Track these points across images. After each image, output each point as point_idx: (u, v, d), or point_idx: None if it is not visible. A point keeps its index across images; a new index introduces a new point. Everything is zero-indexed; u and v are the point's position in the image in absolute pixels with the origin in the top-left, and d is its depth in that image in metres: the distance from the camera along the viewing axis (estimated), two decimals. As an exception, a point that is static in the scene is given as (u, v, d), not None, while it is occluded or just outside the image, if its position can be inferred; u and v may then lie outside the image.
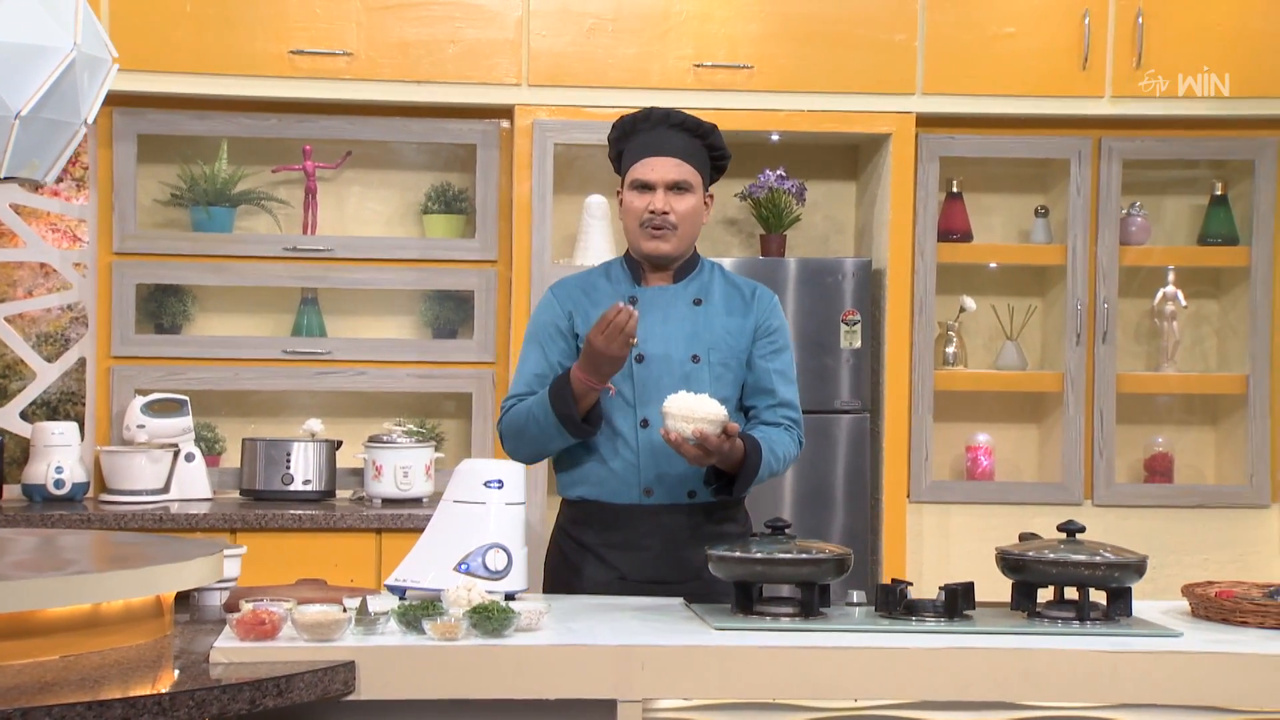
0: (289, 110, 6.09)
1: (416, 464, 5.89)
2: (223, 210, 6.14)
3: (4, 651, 3.00)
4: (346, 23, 5.96)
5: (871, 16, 6.05)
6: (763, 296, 4.04)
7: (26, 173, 3.35)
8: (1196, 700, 3.19)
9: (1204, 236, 6.43)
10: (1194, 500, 6.32)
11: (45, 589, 3.03)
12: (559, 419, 3.85)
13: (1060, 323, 6.37)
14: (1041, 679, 3.16)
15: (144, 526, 5.57)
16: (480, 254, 6.16)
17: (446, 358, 6.19)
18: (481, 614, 3.19)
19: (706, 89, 6.01)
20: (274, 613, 3.14)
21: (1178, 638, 3.31)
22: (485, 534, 3.61)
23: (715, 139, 4.03)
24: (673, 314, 3.97)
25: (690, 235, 3.98)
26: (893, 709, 3.18)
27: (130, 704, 2.76)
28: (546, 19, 6.00)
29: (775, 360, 4.01)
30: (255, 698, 2.90)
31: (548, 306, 4.07)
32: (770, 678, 3.15)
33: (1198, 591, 3.59)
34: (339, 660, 3.06)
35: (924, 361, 6.19)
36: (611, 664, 3.13)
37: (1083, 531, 3.48)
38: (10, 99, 3.25)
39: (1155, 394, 6.49)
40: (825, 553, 3.44)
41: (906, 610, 3.44)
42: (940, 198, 6.27)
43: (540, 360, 4.03)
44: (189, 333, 6.22)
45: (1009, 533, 6.16)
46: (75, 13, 3.33)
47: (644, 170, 3.95)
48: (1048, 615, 3.44)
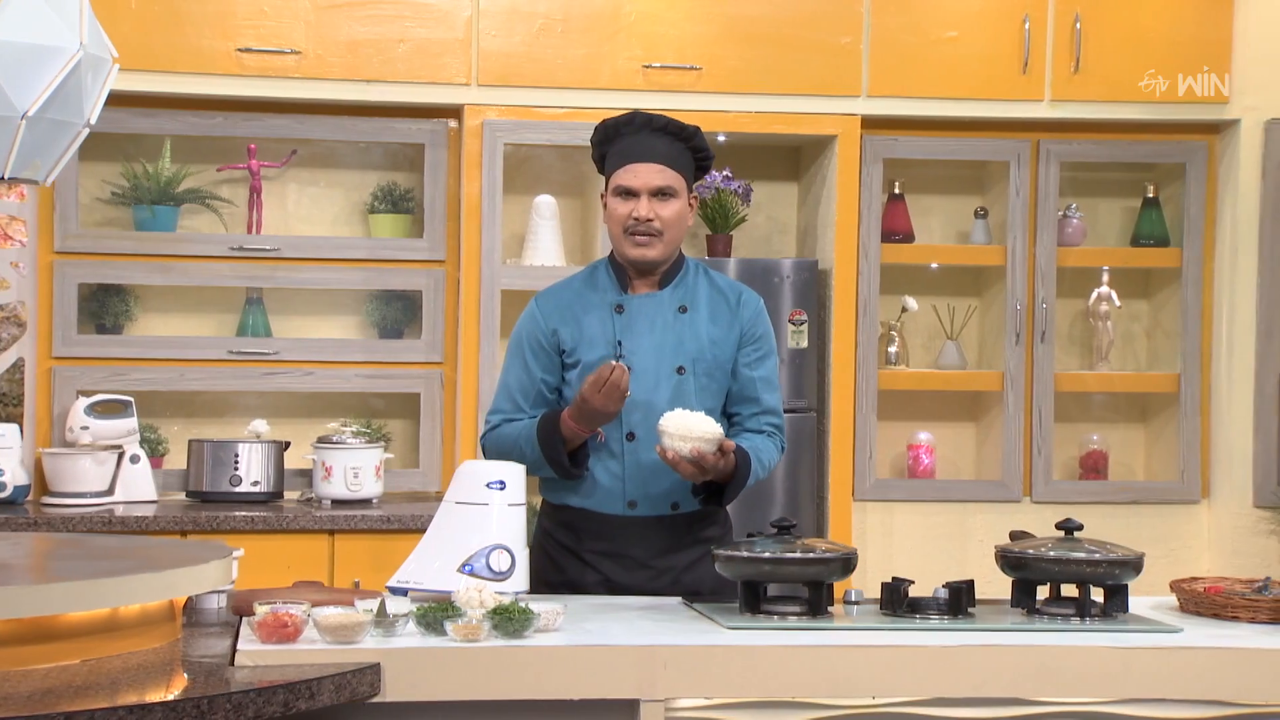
0: (235, 109, 6.05)
1: (367, 465, 5.87)
2: (166, 209, 6.08)
3: (26, 656, 2.97)
4: (295, 21, 5.93)
5: (818, 19, 6.11)
6: (748, 302, 4.03)
7: (29, 174, 3.32)
8: (1200, 694, 3.27)
9: (1137, 238, 6.56)
10: (1128, 496, 6.45)
11: (68, 593, 3.01)
12: (547, 460, 3.86)
13: (998, 322, 6.47)
14: (1054, 675, 3.22)
15: (91, 529, 5.51)
16: (428, 254, 6.15)
17: (395, 358, 6.17)
18: (503, 615, 3.20)
19: (655, 90, 6.04)
20: (295, 615, 3.13)
21: (1178, 633, 3.38)
22: (488, 535, 3.61)
23: (698, 141, 4.02)
24: (658, 324, 3.96)
25: (675, 240, 3.98)
26: (909, 706, 3.23)
27: (170, 708, 2.75)
28: (496, 19, 6.00)
29: (759, 368, 4.01)
30: (289, 700, 2.90)
31: (530, 319, 4.04)
32: (790, 676, 3.19)
33: (1186, 587, 3.68)
34: (365, 662, 3.06)
35: (868, 361, 6.27)
36: (634, 664, 3.15)
37: (1080, 529, 3.55)
38: (17, 99, 3.21)
39: (1090, 392, 6.60)
40: (832, 552, 3.48)
41: (910, 608, 3.48)
42: (883, 199, 6.34)
43: (522, 374, 4.01)
44: (131, 333, 6.16)
45: (950, 530, 6.32)
46: (80, 12, 3.30)
47: (628, 176, 3.93)
48: (1048, 612, 3.50)
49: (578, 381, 3.92)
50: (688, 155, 3.99)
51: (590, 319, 3.96)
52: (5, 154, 3.20)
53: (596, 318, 3.96)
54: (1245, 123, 6.31)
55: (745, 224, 6.41)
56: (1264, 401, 6.34)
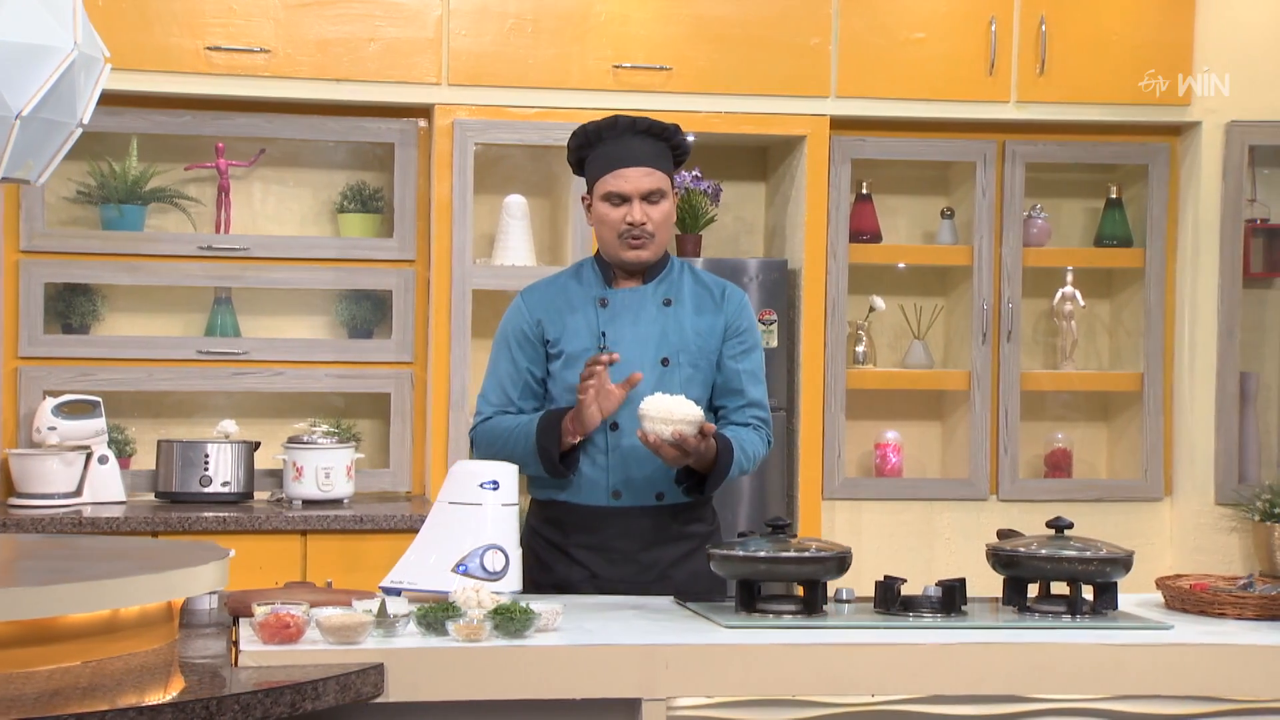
0: (203, 107, 6.02)
1: (338, 465, 5.86)
2: (134, 208, 6.05)
3: (28, 658, 2.96)
4: (264, 20, 5.91)
5: (787, 20, 6.14)
6: (732, 296, 4.06)
7: (21, 174, 3.29)
8: (1193, 690, 3.30)
9: (1100, 238, 6.62)
10: (1093, 494, 6.51)
11: (69, 595, 3.00)
12: (540, 453, 3.87)
13: (963, 322, 6.52)
14: (1050, 672, 3.25)
15: (61, 530, 5.47)
16: (398, 253, 6.14)
17: (365, 358, 6.16)
18: (504, 615, 3.21)
19: (626, 90, 6.05)
20: (297, 616, 3.13)
21: (1170, 630, 3.42)
22: (482, 535, 3.61)
23: (678, 138, 4.05)
24: (643, 316, 3.99)
25: (666, 239, 4.02)
26: (908, 704, 3.25)
27: (180, 709, 2.75)
28: (466, 18, 6.00)
29: (745, 360, 4.04)
30: (295, 701, 2.90)
31: (516, 313, 4.06)
32: (790, 675, 3.21)
33: (1171, 584, 3.72)
34: (368, 663, 3.06)
35: (837, 361, 6.30)
36: (636, 663, 3.17)
37: (1070, 528, 3.59)
38: (12, 99, 3.19)
39: (1054, 391, 6.66)
40: (827, 551, 3.50)
41: (903, 606, 3.51)
42: (850, 199, 6.37)
43: (510, 367, 4.03)
44: (98, 333, 6.12)
45: (918, 528, 6.36)
46: (74, 12, 3.29)
47: (617, 182, 3.95)
48: (1039, 609, 3.54)
49: (561, 372, 3.97)
50: (668, 153, 4.02)
51: (575, 312, 3.99)
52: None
53: (581, 311, 3.99)
54: (1206, 125, 6.38)
55: (713, 224, 6.42)
56: (1225, 400, 6.41)
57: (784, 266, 6.22)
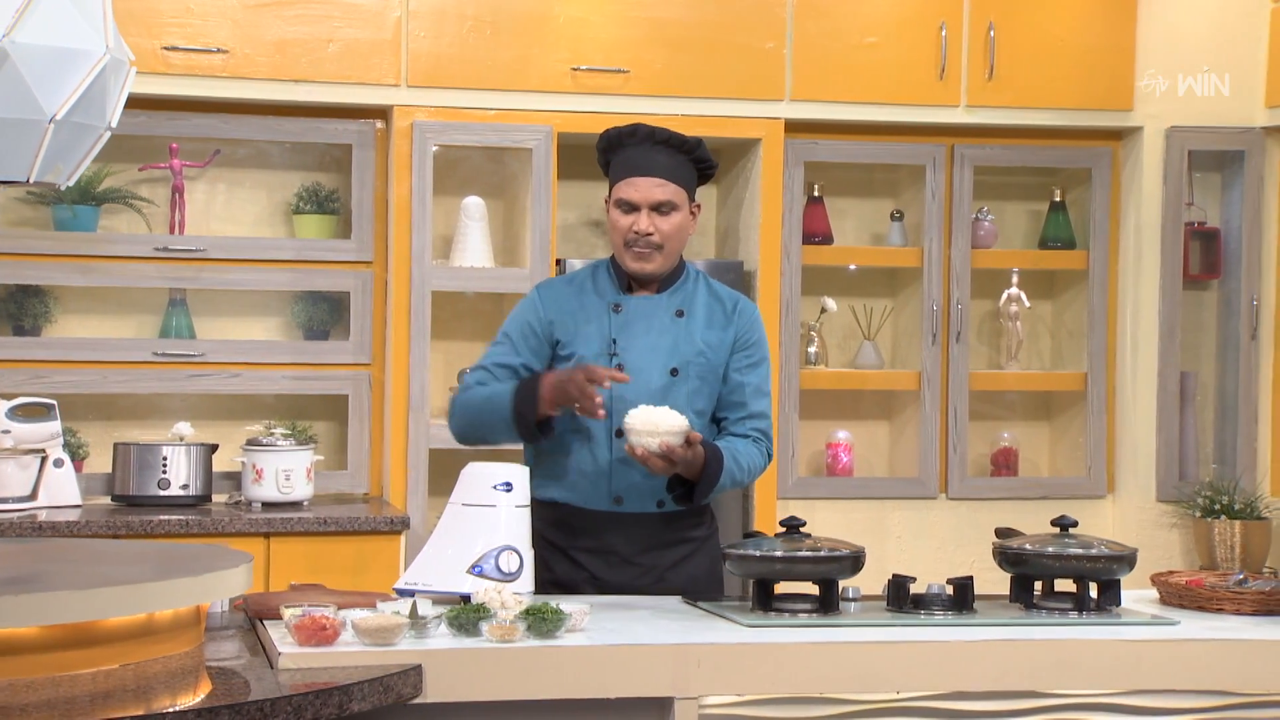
0: (159, 107, 5.97)
1: (298, 467, 5.83)
2: (87, 209, 6.00)
3: (69, 661, 2.96)
4: (222, 20, 5.87)
5: (743, 24, 6.19)
6: (744, 310, 4.09)
7: (51, 177, 3.28)
8: (1203, 685, 3.40)
9: (1044, 240, 6.74)
10: (1039, 492, 6.62)
11: (109, 599, 2.99)
12: (515, 409, 3.89)
13: (912, 322, 6.61)
14: (1067, 668, 3.33)
15: (21, 534, 5.41)
16: (356, 255, 6.13)
17: (322, 359, 6.14)
18: (536, 615, 3.23)
19: (584, 92, 6.08)
20: (332, 618, 3.14)
21: (1176, 625, 3.51)
22: (496, 536, 3.64)
23: (701, 152, 4.05)
24: (654, 325, 4.02)
25: (675, 251, 4.03)
26: (929, 700, 3.31)
27: (236, 710, 2.76)
28: (425, 20, 6.00)
29: (750, 374, 4.07)
30: (343, 702, 2.92)
31: (530, 307, 4.09)
32: (817, 672, 3.27)
33: (1166, 581, 3.81)
34: (407, 664, 3.08)
35: (790, 361, 6.36)
36: (669, 663, 3.21)
37: (1075, 526, 3.67)
38: (46, 102, 3.17)
39: (999, 391, 6.76)
40: (843, 550, 3.56)
41: (915, 605, 3.57)
42: (803, 201, 6.44)
43: (509, 353, 4.05)
44: (50, 334, 6.06)
45: (870, 527, 6.44)
46: (104, 15, 3.27)
47: (628, 190, 3.98)
48: (1045, 607, 3.61)
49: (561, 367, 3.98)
50: (689, 166, 4.04)
51: (587, 314, 4.02)
52: (31, 158, 3.16)
53: (594, 314, 4.02)
54: (1148, 130, 6.51)
55: (666, 226, 6.45)
56: (1167, 399, 6.54)
57: (740, 268, 6.28)
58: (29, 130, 3.15)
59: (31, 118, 3.15)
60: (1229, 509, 6.27)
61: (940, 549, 6.51)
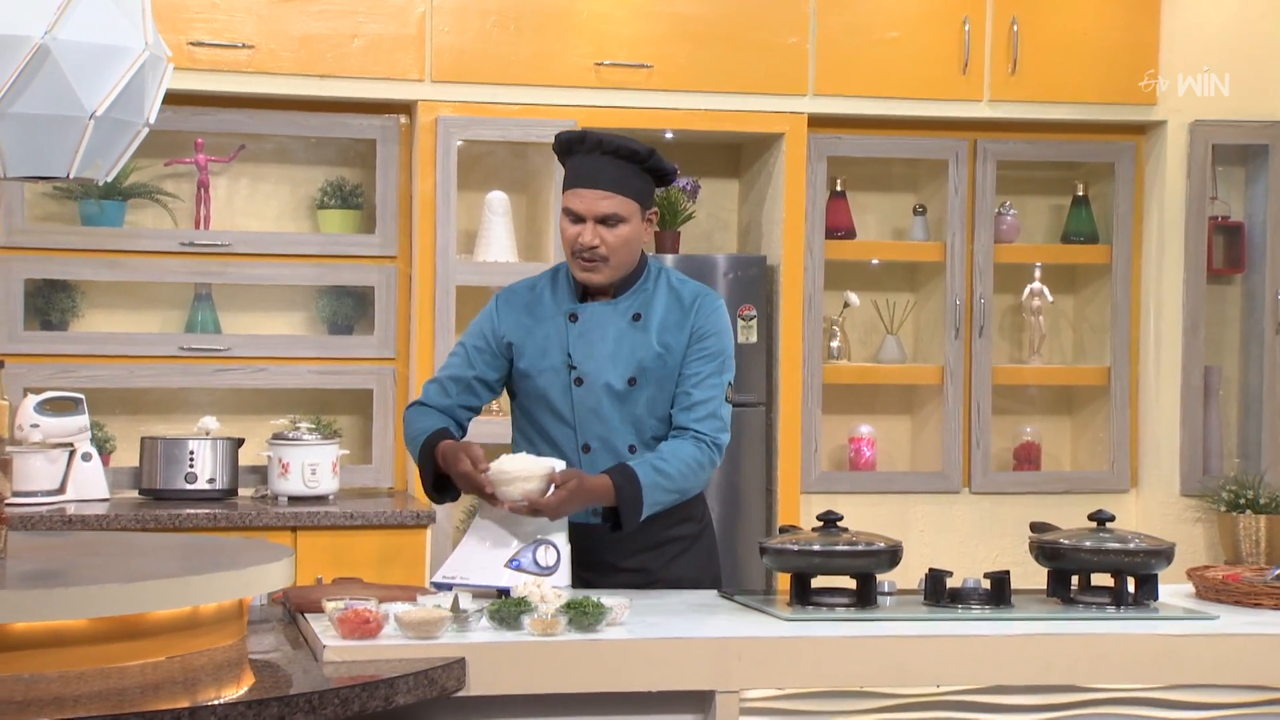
0: (184, 103, 5.97)
1: (324, 461, 5.84)
2: (113, 204, 6.01)
3: (115, 653, 2.98)
4: (247, 15, 5.89)
5: (766, 19, 6.20)
6: (703, 305, 3.92)
7: (90, 173, 3.30)
8: (1243, 679, 3.41)
9: (1067, 235, 6.74)
10: (1062, 486, 6.62)
11: (155, 591, 3.01)
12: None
13: (934, 317, 6.62)
14: (1107, 662, 3.33)
15: (50, 528, 5.42)
16: (380, 249, 6.14)
17: (346, 354, 6.16)
18: (577, 609, 3.24)
19: (607, 87, 6.09)
20: (375, 612, 3.15)
21: (1216, 620, 3.52)
22: (534, 531, 3.65)
23: (653, 162, 3.89)
24: (610, 334, 3.91)
25: (625, 262, 3.88)
26: (970, 694, 3.32)
27: (285, 703, 2.78)
28: (449, 15, 6.01)
29: (699, 365, 3.90)
30: (388, 695, 2.93)
31: (487, 319, 4.00)
32: (857, 666, 3.28)
33: (1203, 575, 3.81)
34: (450, 657, 3.09)
35: (814, 355, 6.37)
36: (710, 656, 3.22)
37: (1112, 520, 3.67)
38: (86, 99, 3.19)
39: (1021, 385, 6.77)
40: (881, 544, 3.56)
41: (952, 599, 3.58)
42: (825, 196, 6.45)
43: (464, 365, 3.99)
44: (77, 329, 6.08)
45: (893, 521, 6.44)
46: (144, 12, 3.29)
47: (574, 201, 3.86)
48: (1083, 601, 3.61)
49: (525, 384, 3.93)
50: (642, 176, 3.89)
51: (544, 327, 3.93)
52: (71, 153, 3.18)
53: (551, 326, 3.92)
54: (1171, 124, 6.51)
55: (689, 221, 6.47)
56: (1190, 393, 6.55)
57: (762, 263, 6.29)
58: (69, 126, 3.17)
59: (72, 114, 3.17)
60: (1254, 503, 6.28)
61: (963, 543, 6.51)
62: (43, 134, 3.24)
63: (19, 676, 2.87)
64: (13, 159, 3.26)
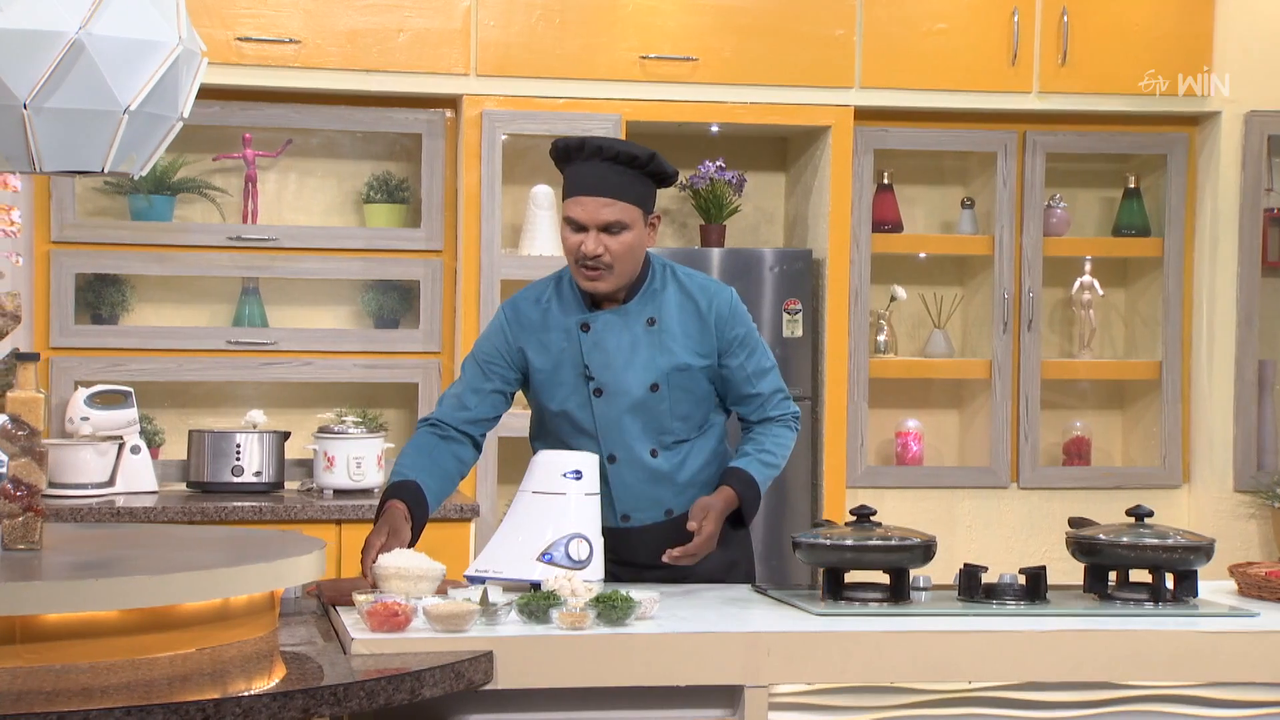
0: (232, 98, 6.02)
1: (369, 455, 5.86)
2: (162, 199, 6.05)
3: (146, 645, 3.00)
4: (294, 10, 5.91)
5: (812, 11, 6.17)
6: (719, 306, 3.89)
7: (125, 167, 3.32)
8: (1281, 677, 3.37)
9: (1118, 228, 6.69)
10: (1112, 482, 6.57)
11: (186, 583, 3.03)
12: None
13: (982, 311, 6.57)
14: (1144, 659, 3.31)
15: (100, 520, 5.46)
16: (425, 244, 6.16)
17: (392, 348, 6.17)
18: (606, 603, 3.24)
19: (652, 80, 6.08)
20: (404, 605, 3.16)
21: (1257, 617, 3.48)
22: (566, 524, 3.65)
23: (655, 165, 3.82)
24: (626, 341, 3.87)
25: (629, 269, 3.83)
26: (1002, 690, 3.30)
27: (310, 694, 2.79)
28: (494, 9, 6.01)
29: (749, 361, 3.92)
30: (415, 688, 2.94)
31: (499, 332, 3.95)
32: (887, 661, 3.26)
33: (1246, 572, 3.77)
34: (479, 650, 3.09)
35: (860, 350, 6.35)
36: (739, 650, 3.21)
37: (1151, 516, 3.64)
38: (120, 93, 3.20)
39: (1071, 380, 6.72)
40: (914, 539, 3.54)
41: (987, 594, 3.55)
42: (872, 189, 6.42)
43: (480, 378, 3.93)
44: (126, 323, 6.12)
45: (939, 516, 6.41)
46: (177, 7, 3.30)
47: (575, 209, 3.78)
48: (1120, 597, 3.58)
49: (543, 396, 3.90)
50: (643, 181, 3.82)
51: (556, 337, 3.88)
52: (106, 148, 3.19)
53: (564, 336, 3.88)
54: (1226, 115, 6.44)
55: (735, 214, 6.45)
56: (1244, 388, 6.48)
57: (808, 256, 6.27)
58: (104, 121, 3.19)
59: (106, 108, 3.18)
60: (1309, 499, 6.22)
61: (1011, 538, 6.47)
62: (77, 129, 3.26)
63: (49, 667, 2.89)
64: (47, 154, 3.28)
